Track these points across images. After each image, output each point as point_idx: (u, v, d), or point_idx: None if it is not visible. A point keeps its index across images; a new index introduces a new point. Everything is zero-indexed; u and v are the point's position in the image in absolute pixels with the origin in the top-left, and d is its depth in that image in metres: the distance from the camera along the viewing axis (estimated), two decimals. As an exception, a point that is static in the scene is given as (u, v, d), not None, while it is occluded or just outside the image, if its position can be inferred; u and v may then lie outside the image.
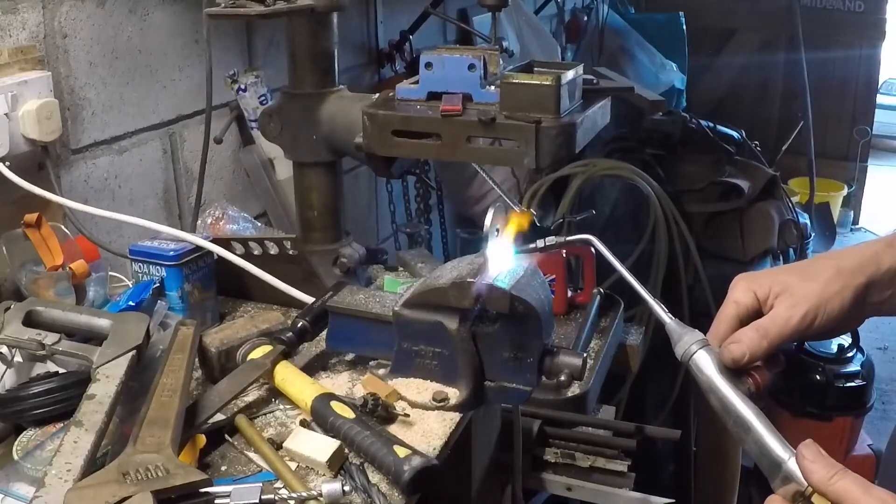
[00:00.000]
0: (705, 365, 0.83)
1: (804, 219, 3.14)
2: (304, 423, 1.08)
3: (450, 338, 1.08)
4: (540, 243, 1.05)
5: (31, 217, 1.31)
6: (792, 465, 0.74)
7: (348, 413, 1.05)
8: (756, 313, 0.88)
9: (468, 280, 1.06)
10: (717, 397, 0.82)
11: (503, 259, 1.08)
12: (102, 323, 1.12)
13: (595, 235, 1.00)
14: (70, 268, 1.29)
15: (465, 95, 1.18)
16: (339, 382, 1.21)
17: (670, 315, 0.88)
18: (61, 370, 1.12)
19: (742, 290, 0.89)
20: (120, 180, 1.63)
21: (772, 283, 0.88)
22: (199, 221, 1.71)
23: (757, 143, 3.24)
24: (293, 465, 1.01)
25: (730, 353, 0.83)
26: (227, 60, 1.86)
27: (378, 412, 1.07)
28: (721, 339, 0.86)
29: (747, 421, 0.79)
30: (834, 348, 2.87)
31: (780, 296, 0.87)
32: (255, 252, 1.48)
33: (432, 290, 1.09)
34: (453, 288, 1.06)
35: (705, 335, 0.87)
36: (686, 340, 0.85)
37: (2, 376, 1.11)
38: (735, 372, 0.83)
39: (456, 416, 1.10)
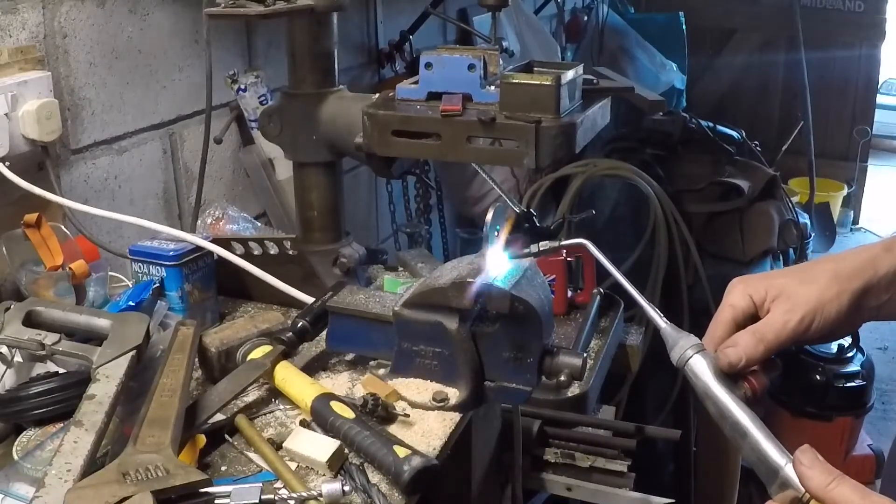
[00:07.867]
0: (701, 370, 0.82)
1: (804, 219, 3.14)
2: (304, 423, 1.08)
3: (450, 338, 1.08)
4: (534, 248, 1.05)
5: (31, 217, 1.31)
6: (789, 471, 0.73)
7: (348, 413, 1.04)
8: (752, 317, 0.87)
9: (468, 280, 1.06)
10: (713, 403, 0.81)
11: (501, 262, 1.08)
12: (102, 323, 1.12)
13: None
14: (70, 268, 1.29)
15: (465, 95, 1.18)
16: (339, 382, 1.21)
17: (665, 319, 0.86)
18: (61, 370, 1.12)
19: (738, 293, 0.88)
20: (120, 180, 1.63)
21: (768, 287, 0.87)
22: (199, 221, 1.71)
23: (757, 143, 3.24)
24: (293, 465, 1.01)
25: (726, 358, 0.82)
26: (227, 60, 1.86)
27: (378, 412, 1.07)
28: (717, 343, 0.85)
29: (744, 427, 0.78)
30: (834, 348, 2.87)
31: (776, 299, 0.86)
32: (255, 252, 1.48)
33: (432, 290, 1.09)
34: (453, 288, 1.06)
35: (703, 337, 0.86)
36: (681, 345, 0.84)
37: (2, 376, 1.11)
38: (731, 377, 0.82)
39: (456, 416, 1.10)
